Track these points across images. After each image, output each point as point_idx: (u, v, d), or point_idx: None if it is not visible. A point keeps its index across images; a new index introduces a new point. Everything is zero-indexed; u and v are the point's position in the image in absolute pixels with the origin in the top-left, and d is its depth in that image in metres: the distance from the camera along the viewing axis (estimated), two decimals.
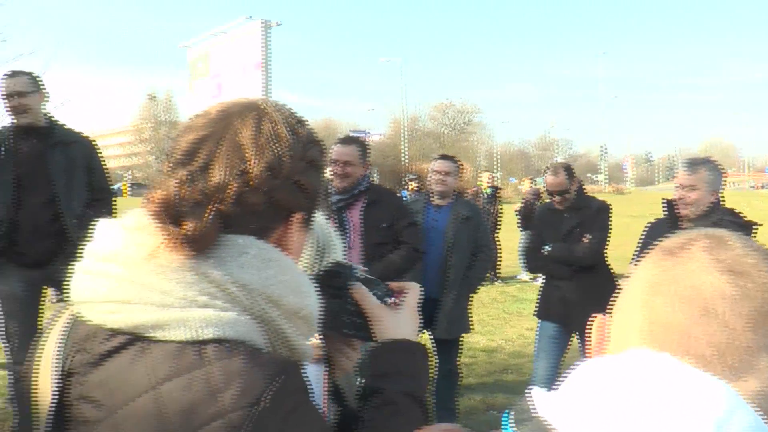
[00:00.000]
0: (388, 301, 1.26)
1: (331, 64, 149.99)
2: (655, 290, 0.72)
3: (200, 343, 0.91)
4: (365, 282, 1.26)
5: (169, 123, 72.25)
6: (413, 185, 14.10)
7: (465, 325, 4.91)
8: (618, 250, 13.23)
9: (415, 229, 4.29)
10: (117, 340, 0.93)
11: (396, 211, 4.25)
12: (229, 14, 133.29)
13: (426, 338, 4.79)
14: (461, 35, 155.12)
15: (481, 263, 4.94)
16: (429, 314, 4.63)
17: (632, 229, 5.71)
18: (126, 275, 0.94)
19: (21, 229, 4.23)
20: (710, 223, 3.61)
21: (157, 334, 0.92)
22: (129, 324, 0.92)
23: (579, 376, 0.71)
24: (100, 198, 4.54)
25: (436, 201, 4.90)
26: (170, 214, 0.94)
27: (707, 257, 0.72)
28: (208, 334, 0.91)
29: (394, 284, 1.31)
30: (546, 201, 4.82)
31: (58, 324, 1.04)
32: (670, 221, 3.80)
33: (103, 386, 0.93)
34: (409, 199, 12.64)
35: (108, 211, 4.50)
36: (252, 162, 0.99)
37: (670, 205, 3.82)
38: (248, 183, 0.98)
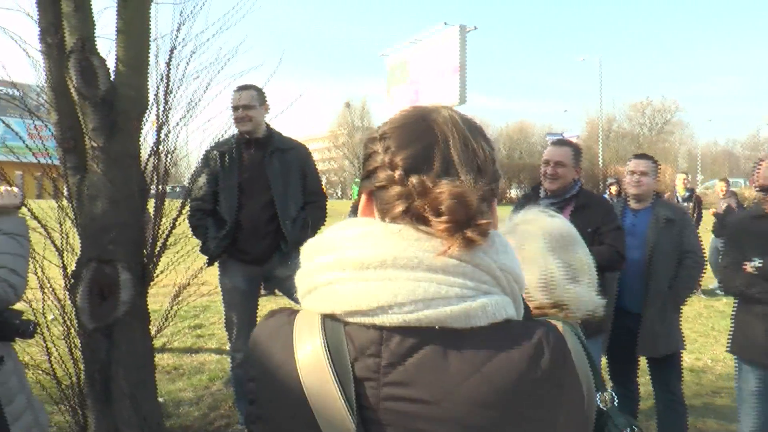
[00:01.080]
0: None
1: (527, 65, 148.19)
2: None
3: (498, 326, 1.03)
4: None
5: (364, 129, 74.77)
6: (614, 189, 13.64)
7: (675, 341, 4.36)
8: None
9: (620, 233, 4.09)
10: (412, 340, 1.01)
11: (604, 215, 4.11)
12: (426, 21, 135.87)
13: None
14: (661, 29, 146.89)
15: (688, 271, 4.38)
16: (633, 331, 4.33)
17: None
18: (419, 276, 1.01)
19: (243, 229, 4.66)
20: None
21: (459, 324, 1.01)
22: (436, 318, 1.00)
23: None
24: (313, 201, 4.84)
25: (633, 204, 4.56)
26: (465, 212, 1.01)
27: None
28: (501, 316, 1.03)
29: None
30: (752, 206, 3.94)
31: (305, 332, 1.07)
32: None
33: (413, 383, 1.00)
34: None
35: (321, 213, 4.83)
36: (481, 157, 1.08)
37: None
38: (483, 177, 1.07)
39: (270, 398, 1.10)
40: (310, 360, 1.03)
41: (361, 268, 1.02)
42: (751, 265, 3.65)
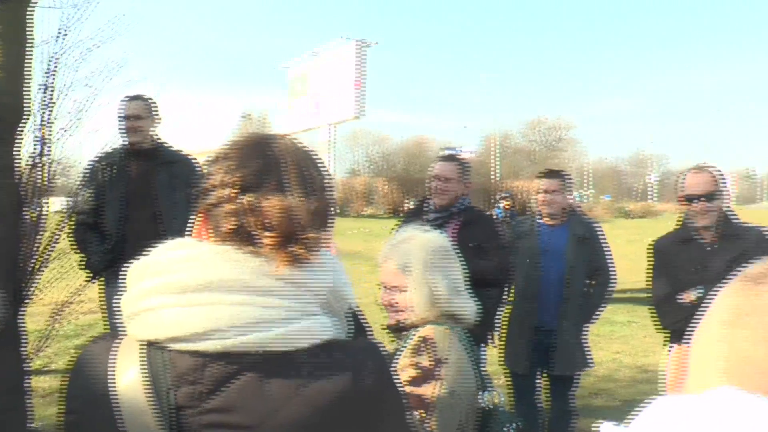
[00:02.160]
0: None
1: (426, 81, 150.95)
2: (736, 321, 0.66)
3: (321, 347, 1.04)
4: None
5: None
6: (507, 203, 13.99)
7: (585, 359, 4.39)
8: None
9: (505, 252, 4.16)
10: (233, 365, 0.99)
11: (489, 232, 4.18)
12: (327, 34, 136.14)
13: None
14: (556, 50, 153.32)
15: (601, 288, 4.37)
16: (545, 348, 4.28)
17: None
18: (243, 299, 0.99)
19: (128, 243, 4.49)
20: None
21: (281, 347, 1.00)
22: (258, 343, 0.99)
23: (655, 413, 0.66)
24: None
25: (548, 221, 4.40)
26: (292, 231, 1.02)
27: None
28: (325, 337, 1.04)
29: None
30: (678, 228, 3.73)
31: (125, 360, 1.03)
32: None
33: (233, 409, 0.99)
34: (502, 217, 12.53)
35: None
36: (314, 181, 1.10)
37: None
38: (315, 200, 1.08)
39: (84, 430, 1.05)
40: (129, 389, 1.00)
41: (185, 292, 1.00)
42: (691, 296, 3.44)
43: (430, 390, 1.84)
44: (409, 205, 31.61)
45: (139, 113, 4.53)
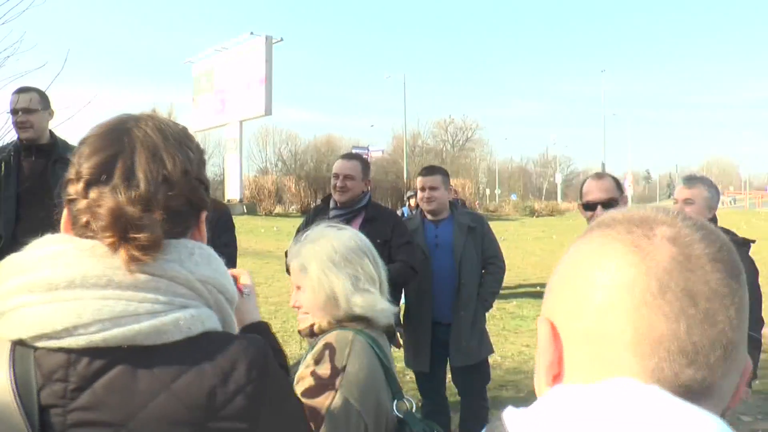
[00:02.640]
0: (245, 291, 1.42)
1: (335, 80, 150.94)
2: (644, 300, 0.64)
3: (192, 340, 1.01)
4: None
5: None
6: (413, 202, 14.10)
7: (486, 347, 4.43)
8: None
9: (411, 247, 4.19)
10: (101, 361, 0.97)
11: (393, 228, 4.21)
12: (233, 30, 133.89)
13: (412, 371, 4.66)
14: (464, 52, 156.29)
15: (493, 276, 4.47)
16: (444, 342, 4.31)
17: None
18: (108, 294, 0.97)
19: (19, 243, 4.24)
20: None
21: (150, 341, 0.98)
22: (125, 337, 0.96)
23: (557, 399, 0.67)
24: None
25: (431, 217, 4.49)
26: (120, 227, 1.00)
27: (681, 252, 0.66)
28: (196, 330, 1.02)
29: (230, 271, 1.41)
30: None
31: None
32: None
33: (100, 406, 0.96)
34: (409, 215, 12.63)
35: None
36: (170, 166, 1.07)
37: None
38: (172, 188, 1.07)
39: None
40: None
41: (50, 290, 0.98)
42: None
43: (324, 401, 1.72)
44: (316, 203, 31.65)
45: (30, 106, 4.28)
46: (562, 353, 0.71)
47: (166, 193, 1.05)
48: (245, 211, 29.15)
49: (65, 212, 1.09)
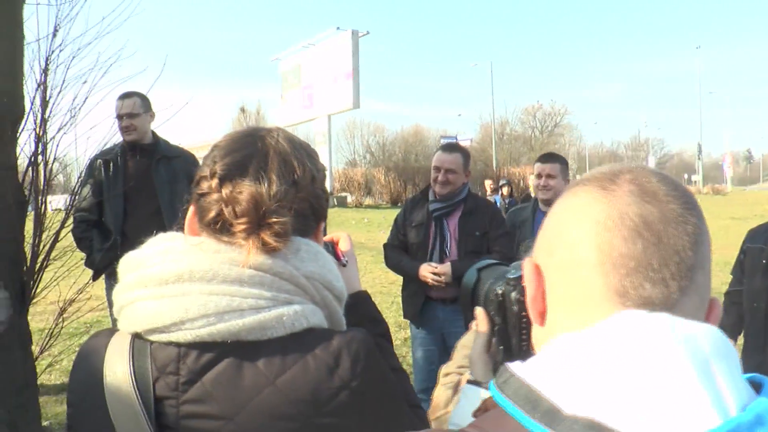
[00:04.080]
0: (343, 260, 1.41)
1: (420, 71, 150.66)
2: (606, 226, 0.73)
3: (296, 336, 1.04)
4: None
5: None
6: (505, 190, 13.96)
7: None
8: (717, 254, 12.70)
9: (509, 239, 4.18)
10: (209, 355, 1.02)
11: (491, 219, 4.19)
12: (319, 26, 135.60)
13: None
14: (550, 36, 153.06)
15: None
16: None
17: (732, 232, 5.40)
18: (214, 289, 1.02)
19: (129, 239, 4.48)
20: None
21: (254, 336, 1.02)
22: (230, 332, 1.00)
23: (567, 346, 0.71)
24: None
25: (544, 208, 4.33)
26: (258, 214, 1.04)
27: (639, 189, 0.75)
28: (300, 326, 1.04)
29: (329, 236, 1.43)
30: None
31: (115, 354, 1.06)
32: None
33: (209, 399, 1.01)
34: (500, 204, 12.53)
35: None
36: (299, 172, 1.12)
37: None
38: (300, 190, 1.12)
39: (82, 423, 1.09)
40: (117, 382, 1.03)
41: (160, 284, 1.03)
42: None
43: None
44: (406, 193, 31.62)
45: (133, 111, 4.51)
46: (545, 288, 0.80)
47: (294, 194, 1.10)
48: (335, 203, 29.54)
49: (191, 208, 1.14)
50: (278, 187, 1.08)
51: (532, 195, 4.52)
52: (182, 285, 1.02)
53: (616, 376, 0.64)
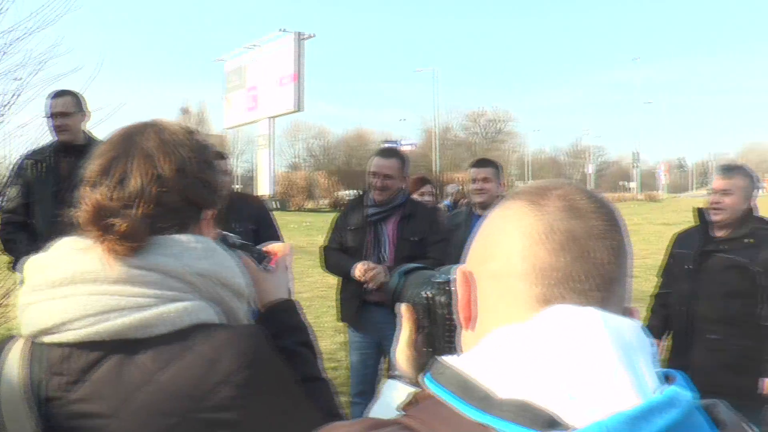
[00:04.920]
0: (267, 266, 1.40)
1: (365, 74, 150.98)
2: (534, 239, 0.77)
3: (182, 333, 1.04)
4: (241, 248, 1.40)
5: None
6: (456, 195, 14.04)
7: None
8: (650, 259, 13.08)
9: (445, 245, 4.16)
10: (94, 354, 1.03)
11: (429, 225, 4.20)
12: (263, 28, 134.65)
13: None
14: (495, 43, 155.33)
15: None
16: None
17: (665, 237, 5.56)
18: (97, 289, 1.03)
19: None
20: (744, 232, 3.57)
21: (139, 334, 1.02)
22: (113, 331, 1.01)
23: (497, 345, 0.74)
24: None
25: (480, 211, 4.30)
26: (101, 220, 1.06)
27: (568, 205, 0.79)
28: (186, 322, 1.05)
29: (268, 247, 1.45)
30: None
31: (11, 358, 1.08)
32: (701, 230, 3.75)
33: (95, 398, 1.02)
34: (451, 209, 12.55)
35: None
36: (163, 166, 1.12)
37: (701, 213, 3.77)
38: (164, 185, 1.11)
39: None
40: (10, 385, 1.05)
41: (51, 287, 1.05)
42: None
43: None
44: (349, 196, 31.63)
45: (66, 110, 4.35)
46: (476, 295, 0.83)
47: (158, 189, 1.10)
48: (277, 206, 29.34)
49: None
50: (135, 186, 1.09)
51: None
52: (69, 287, 1.04)
53: (547, 361, 0.68)
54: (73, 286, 1.04)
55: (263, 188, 30.93)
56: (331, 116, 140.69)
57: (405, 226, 4.14)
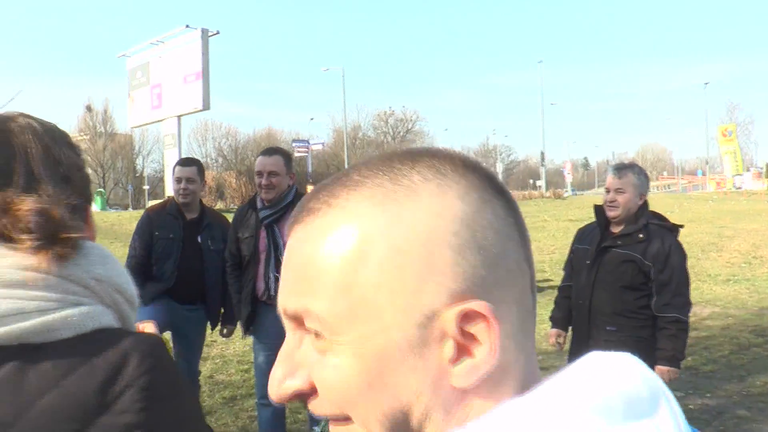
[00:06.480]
0: None
1: (273, 74, 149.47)
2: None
3: (85, 337, 1.02)
4: None
5: (107, 134, 70.70)
6: None
7: None
8: (557, 254, 13.51)
9: None
10: None
11: None
12: (168, 23, 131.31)
13: None
14: (403, 44, 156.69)
15: None
16: None
17: (570, 232, 5.79)
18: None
19: None
20: (638, 227, 3.76)
21: (41, 339, 0.99)
22: (11, 335, 0.97)
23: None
24: None
25: None
26: (50, 234, 1.01)
27: None
28: (89, 326, 1.03)
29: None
30: None
31: None
32: (600, 225, 3.94)
33: None
34: None
35: None
36: (66, 164, 1.10)
37: (599, 210, 3.95)
38: (70, 183, 1.09)
39: None
40: None
41: None
42: None
43: None
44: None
45: None
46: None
47: (69, 190, 1.08)
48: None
49: None
50: (53, 188, 1.06)
51: None
52: None
53: None
54: None
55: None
56: (240, 116, 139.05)
57: None
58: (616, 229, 3.85)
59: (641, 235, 3.75)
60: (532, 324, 0.64)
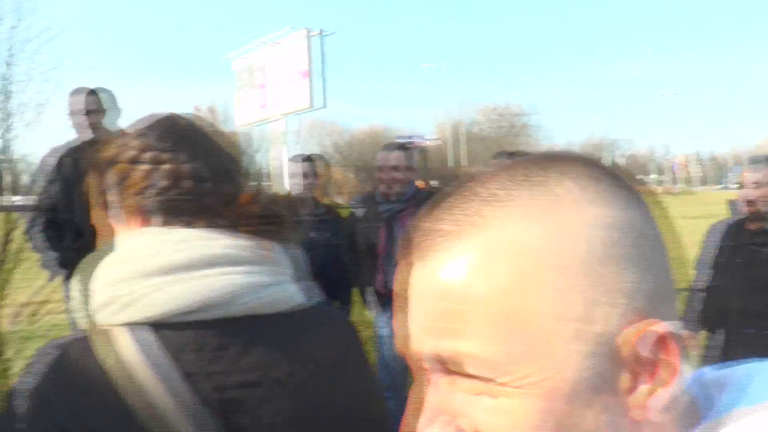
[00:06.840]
0: None
1: (379, 72, 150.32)
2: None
3: (302, 309, 1.15)
4: None
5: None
6: None
7: None
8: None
9: None
10: (229, 330, 1.07)
11: None
12: (274, 24, 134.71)
13: None
14: (497, 39, 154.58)
15: None
16: None
17: (688, 231, 5.47)
18: (231, 270, 1.08)
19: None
20: None
21: (269, 309, 1.10)
22: (249, 307, 1.08)
23: None
24: None
25: None
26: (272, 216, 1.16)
27: None
28: (300, 300, 1.15)
29: None
30: None
31: (127, 347, 1.04)
32: (738, 223, 3.71)
33: (235, 371, 1.06)
34: None
35: None
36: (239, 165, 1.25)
37: (734, 206, 3.75)
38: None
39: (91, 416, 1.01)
40: (130, 371, 1.00)
41: (186, 270, 1.04)
42: None
43: None
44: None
45: (99, 107, 4.37)
46: None
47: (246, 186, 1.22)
48: None
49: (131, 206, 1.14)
50: (247, 184, 1.21)
51: None
52: (202, 270, 1.04)
53: None
54: (208, 269, 1.05)
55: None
56: (346, 113, 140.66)
57: None
58: (754, 226, 3.64)
59: None
60: None
